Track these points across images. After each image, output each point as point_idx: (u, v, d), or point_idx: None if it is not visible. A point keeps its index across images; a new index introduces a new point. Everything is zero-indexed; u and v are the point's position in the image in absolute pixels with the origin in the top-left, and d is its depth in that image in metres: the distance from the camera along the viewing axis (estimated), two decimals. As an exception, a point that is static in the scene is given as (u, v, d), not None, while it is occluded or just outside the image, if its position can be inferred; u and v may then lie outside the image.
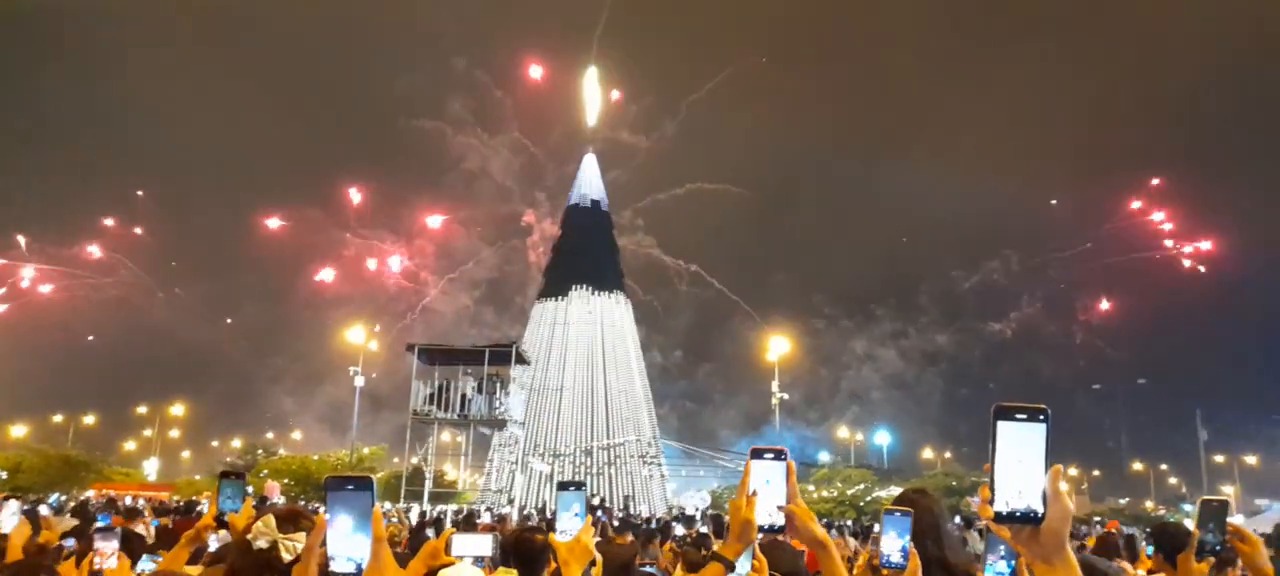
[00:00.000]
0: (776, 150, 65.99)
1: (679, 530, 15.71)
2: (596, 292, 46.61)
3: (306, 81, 74.34)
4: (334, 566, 1.64)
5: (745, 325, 58.47)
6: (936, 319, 65.91)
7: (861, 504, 36.52)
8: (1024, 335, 63.49)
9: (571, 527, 2.62)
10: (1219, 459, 58.34)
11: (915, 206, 73.42)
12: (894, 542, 2.70)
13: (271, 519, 2.30)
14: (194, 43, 73.51)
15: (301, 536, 2.26)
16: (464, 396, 32.58)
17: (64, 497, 27.15)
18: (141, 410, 61.84)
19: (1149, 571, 4.38)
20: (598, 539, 8.71)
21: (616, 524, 17.53)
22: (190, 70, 70.99)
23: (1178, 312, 59.67)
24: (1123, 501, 60.63)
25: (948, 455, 54.67)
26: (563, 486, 2.72)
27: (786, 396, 34.42)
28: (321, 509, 1.82)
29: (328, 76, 74.09)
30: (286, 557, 2.23)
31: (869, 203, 78.67)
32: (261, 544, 2.25)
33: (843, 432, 55.73)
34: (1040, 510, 1.47)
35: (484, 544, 5.10)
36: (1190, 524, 3.33)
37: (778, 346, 34.90)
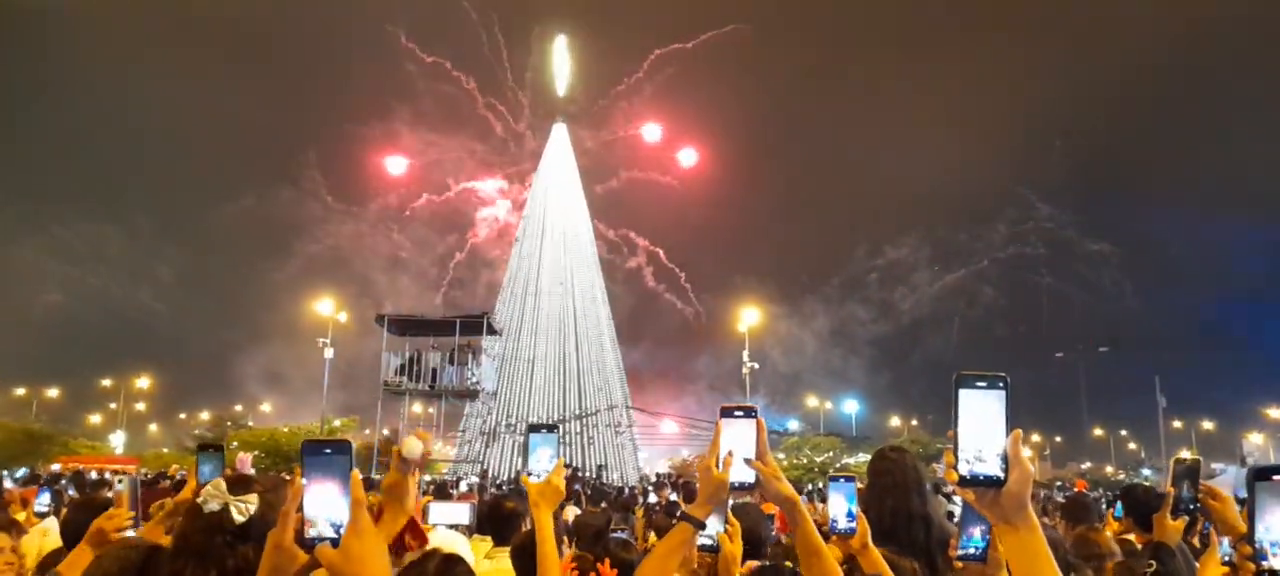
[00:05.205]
0: (711, 135, 65.77)
1: (652, 497, 15.81)
2: (568, 262, 46.50)
3: (269, 62, 73.17)
4: (312, 531, 1.61)
5: (673, 309, 58.69)
6: (888, 292, 66.75)
7: (830, 470, 36.99)
8: (974, 304, 64.28)
9: (543, 470, 2.55)
10: (1177, 424, 59.89)
11: (857, 180, 74.02)
12: (841, 507, 2.66)
13: (221, 482, 2.25)
14: (158, 21, 71.84)
15: (253, 498, 2.22)
16: (434, 368, 32.41)
17: (26, 471, 26.70)
18: (106, 383, 60.94)
19: (1116, 533, 4.48)
20: (577, 511, 8.75)
21: (590, 492, 17.62)
22: (155, 48, 69.41)
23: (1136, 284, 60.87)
24: (1084, 466, 62.05)
25: (914, 423, 55.59)
26: (533, 428, 2.63)
27: (757, 365, 34.55)
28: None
29: (291, 57, 73.09)
30: (238, 519, 2.19)
31: (810, 182, 79.44)
32: (212, 506, 2.20)
33: (812, 401, 56.35)
34: (1002, 473, 1.53)
35: (461, 512, 5.12)
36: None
37: (748, 317, 34.97)
